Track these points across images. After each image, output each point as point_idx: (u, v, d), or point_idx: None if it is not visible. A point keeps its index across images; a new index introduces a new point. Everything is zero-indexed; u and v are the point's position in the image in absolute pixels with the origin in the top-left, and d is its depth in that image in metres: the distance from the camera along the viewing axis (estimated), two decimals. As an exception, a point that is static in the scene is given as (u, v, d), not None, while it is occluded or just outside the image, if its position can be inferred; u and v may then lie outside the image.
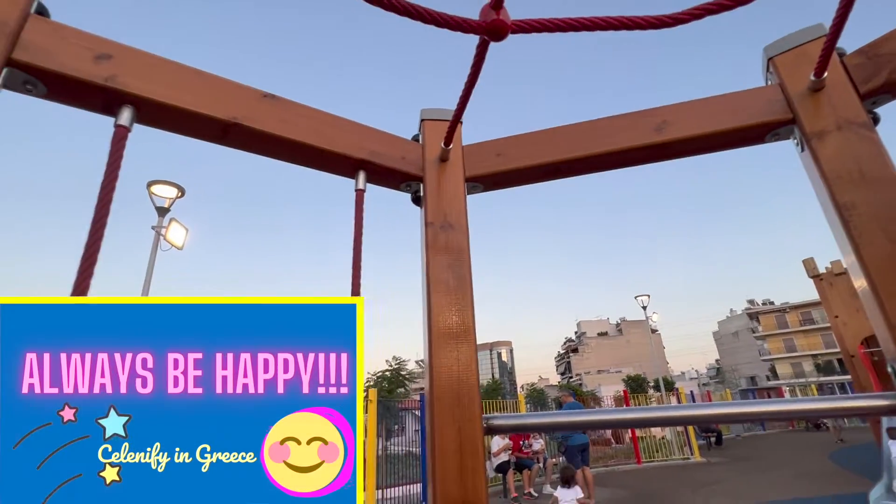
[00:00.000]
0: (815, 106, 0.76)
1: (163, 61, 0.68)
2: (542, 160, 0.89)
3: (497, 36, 0.55)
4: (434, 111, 0.96)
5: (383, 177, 0.89)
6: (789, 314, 50.87)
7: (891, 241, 0.66)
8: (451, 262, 0.84)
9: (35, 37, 0.59)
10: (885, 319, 0.64)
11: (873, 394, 0.68)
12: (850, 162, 0.71)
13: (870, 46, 0.75)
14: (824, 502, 6.56)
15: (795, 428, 20.58)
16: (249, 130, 0.73)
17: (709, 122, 0.83)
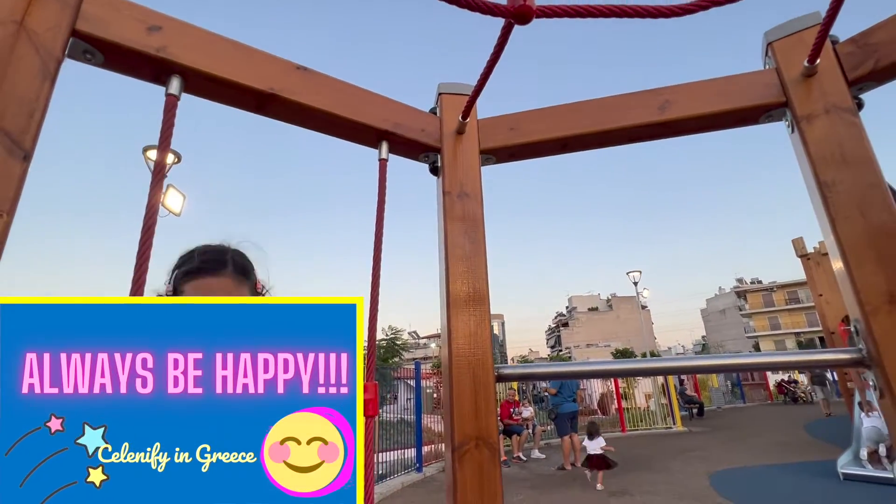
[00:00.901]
0: (807, 90, 0.83)
1: (207, 34, 0.73)
2: (553, 135, 0.95)
3: (523, 20, 0.60)
4: (451, 85, 1.01)
5: (404, 147, 0.95)
6: (776, 293, 51.93)
7: (864, 217, 0.74)
8: (466, 229, 0.91)
9: (93, 8, 0.64)
10: (851, 284, 0.72)
11: (839, 348, 0.77)
12: (833, 144, 0.78)
13: (861, 35, 0.80)
14: (794, 468, 6.95)
15: (774, 401, 21.41)
16: (285, 101, 0.78)
17: (708, 103, 0.89)
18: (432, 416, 11.06)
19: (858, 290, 0.72)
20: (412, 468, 8.38)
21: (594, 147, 0.98)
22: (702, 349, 63.39)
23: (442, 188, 0.94)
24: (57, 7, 0.60)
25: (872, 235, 0.73)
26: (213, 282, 0.96)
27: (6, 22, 0.55)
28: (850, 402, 7.55)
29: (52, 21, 0.59)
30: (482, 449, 0.78)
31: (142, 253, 0.63)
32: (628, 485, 6.56)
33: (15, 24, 0.56)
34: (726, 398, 20.63)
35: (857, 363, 0.74)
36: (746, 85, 0.89)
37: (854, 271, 0.73)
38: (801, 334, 46.95)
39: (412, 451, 8.64)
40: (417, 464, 8.44)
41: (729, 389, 21.41)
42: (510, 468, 8.35)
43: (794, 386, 20.57)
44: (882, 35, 0.78)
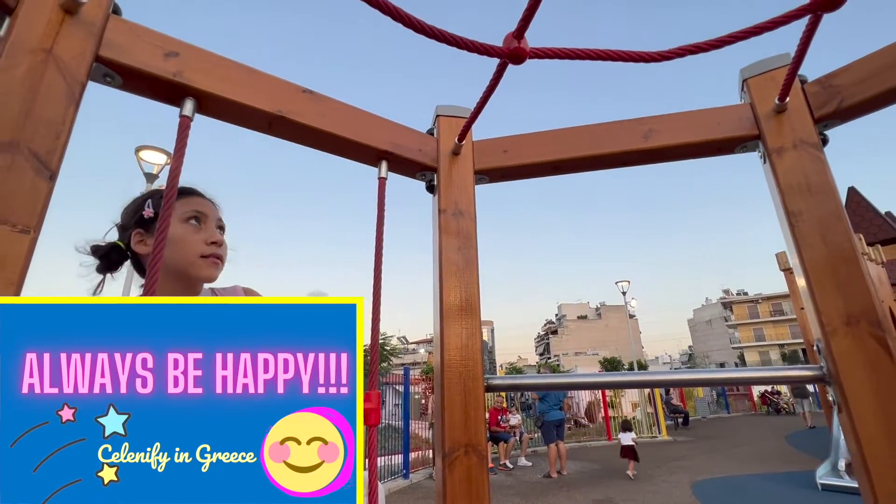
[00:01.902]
0: (778, 125, 0.89)
1: (221, 58, 0.77)
2: (545, 158, 1.01)
3: (517, 61, 0.66)
4: (449, 108, 1.06)
5: (402, 166, 1.00)
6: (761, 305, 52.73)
7: (825, 244, 0.80)
8: (460, 245, 0.96)
9: (115, 35, 0.68)
10: (814, 306, 0.79)
11: (802, 366, 0.83)
12: (800, 176, 0.85)
13: (826, 77, 0.87)
14: (775, 478, 7.07)
15: (758, 412, 21.70)
16: (292, 122, 0.83)
17: (688, 133, 0.96)
18: (419, 422, 11.04)
19: (820, 311, 0.78)
20: (399, 474, 8.35)
21: (583, 170, 1.04)
22: (688, 359, 64.05)
23: (438, 206, 0.99)
24: (82, 35, 0.64)
25: (833, 261, 0.79)
26: (203, 199, 1.02)
27: (37, 51, 0.59)
28: (830, 414, 7.72)
29: (78, 49, 0.63)
30: (471, 455, 0.83)
31: (153, 264, 0.66)
32: (613, 493, 6.61)
33: (44, 53, 0.60)
34: (711, 408, 20.86)
35: (818, 380, 0.80)
36: (723, 117, 0.95)
37: (816, 294, 0.79)
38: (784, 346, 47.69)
39: (399, 457, 8.61)
40: (404, 470, 8.41)
41: (714, 400, 21.66)
42: (497, 475, 8.36)
43: (778, 397, 20.90)
44: (844, 78, 0.85)
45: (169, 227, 0.93)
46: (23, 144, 0.56)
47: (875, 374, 0.72)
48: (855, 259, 0.79)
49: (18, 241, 0.54)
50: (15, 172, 0.55)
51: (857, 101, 0.83)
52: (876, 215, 9.22)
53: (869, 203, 9.47)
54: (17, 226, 0.54)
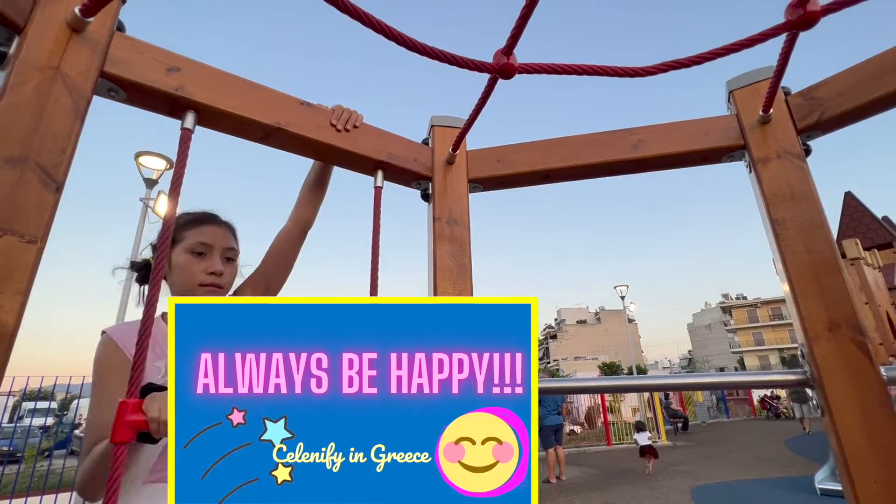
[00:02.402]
0: (763, 136, 0.92)
1: (221, 73, 0.80)
2: (536, 167, 1.03)
3: (506, 76, 0.68)
4: (443, 118, 1.09)
5: (398, 176, 1.03)
6: (760, 309, 52.74)
7: (808, 252, 0.83)
8: (454, 252, 0.98)
9: (119, 52, 0.70)
10: (797, 312, 0.81)
11: (787, 370, 0.85)
12: (784, 185, 0.87)
13: (808, 90, 0.90)
14: (774, 483, 7.06)
15: (757, 416, 21.66)
16: (289, 134, 0.85)
17: (676, 143, 0.98)
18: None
19: (803, 317, 0.81)
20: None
21: (573, 179, 1.06)
22: (688, 364, 63.94)
23: (432, 214, 1.02)
24: (88, 52, 0.66)
25: (815, 268, 0.82)
26: (213, 228, 1.06)
27: (45, 68, 0.62)
28: (829, 418, 7.69)
29: (84, 65, 0.65)
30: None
31: (156, 271, 0.68)
32: (612, 498, 6.60)
33: (52, 70, 0.62)
34: (711, 413, 20.83)
35: (802, 384, 0.82)
36: (710, 128, 0.98)
37: (799, 300, 0.81)
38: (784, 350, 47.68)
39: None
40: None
41: (714, 404, 21.63)
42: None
43: (777, 402, 20.87)
44: (826, 90, 0.88)
45: (172, 252, 0.99)
46: (31, 158, 0.58)
47: (856, 378, 0.75)
48: (836, 266, 0.81)
49: (26, 251, 0.56)
50: (23, 185, 0.57)
51: (838, 112, 0.86)
52: (873, 220, 9.27)
53: (866, 208, 9.52)
54: (24, 237, 0.56)
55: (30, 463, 7.15)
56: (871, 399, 0.73)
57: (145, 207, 6.18)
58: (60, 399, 15.53)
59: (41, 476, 6.51)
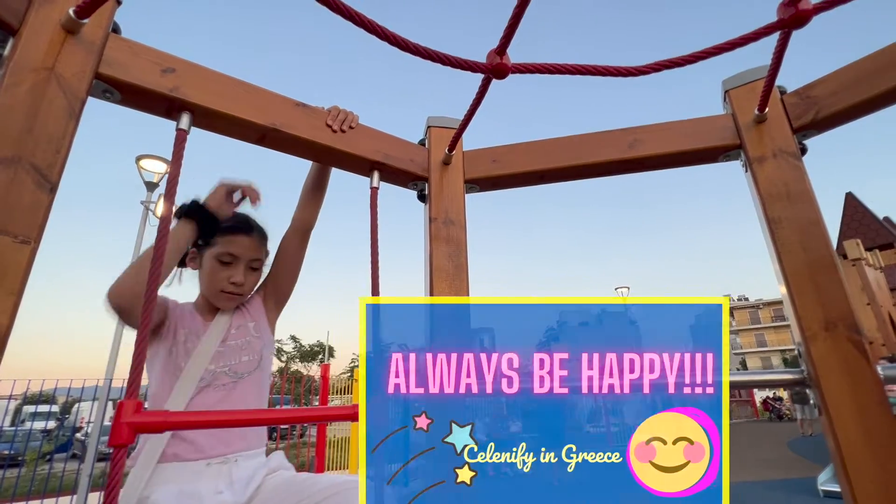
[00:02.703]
0: (758, 135, 0.92)
1: (216, 74, 0.80)
2: (532, 168, 1.03)
3: (500, 76, 0.68)
4: (440, 119, 1.09)
5: (394, 176, 1.03)
6: (762, 310, 52.59)
7: (805, 252, 0.82)
8: (450, 252, 0.98)
9: (114, 53, 0.71)
10: (794, 311, 0.81)
11: (785, 369, 0.85)
12: (780, 184, 0.87)
13: (804, 88, 0.90)
14: (776, 485, 7.03)
15: (760, 418, 21.57)
16: (285, 135, 0.86)
17: (672, 143, 0.98)
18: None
19: (800, 317, 0.80)
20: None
21: (569, 179, 1.06)
22: (690, 365, 63.68)
23: (429, 214, 1.02)
24: (83, 53, 0.66)
25: (812, 268, 0.81)
26: (244, 238, 1.08)
27: (39, 69, 0.62)
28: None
29: (79, 66, 0.66)
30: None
31: (154, 269, 0.68)
32: (614, 501, 6.57)
33: (47, 71, 0.62)
34: (713, 414, 20.73)
35: (800, 383, 0.82)
36: (706, 128, 0.98)
37: (796, 300, 0.81)
38: (786, 351, 47.52)
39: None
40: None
41: (715, 406, 21.53)
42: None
43: (779, 403, 20.79)
44: (821, 89, 0.88)
45: (203, 253, 1.05)
46: (24, 159, 0.58)
47: (852, 377, 0.74)
48: (833, 265, 0.81)
49: (19, 251, 0.56)
50: (17, 186, 0.57)
51: (833, 111, 0.85)
52: (874, 220, 9.26)
53: (867, 208, 9.51)
54: (18, 237, 0.56)
55: (31, 467, 7.15)
56: (869, 398, 0.73)
57: (146, 210, 6.19)
58: (62, 403, 15.54)
59: (42, 480, 6.50)
